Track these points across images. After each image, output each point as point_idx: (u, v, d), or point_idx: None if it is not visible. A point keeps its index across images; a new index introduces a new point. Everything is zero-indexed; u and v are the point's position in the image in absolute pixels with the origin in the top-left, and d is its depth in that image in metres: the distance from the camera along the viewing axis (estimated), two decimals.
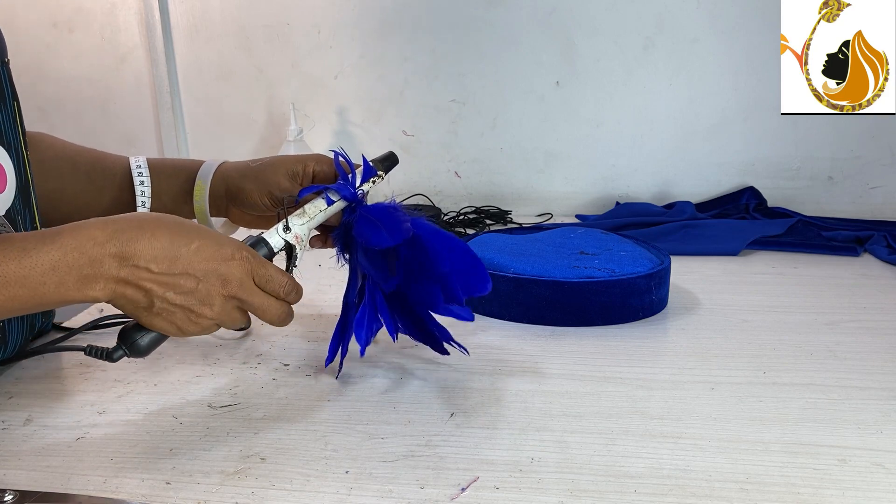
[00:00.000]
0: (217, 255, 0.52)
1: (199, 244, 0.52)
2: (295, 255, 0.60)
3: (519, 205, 1.36)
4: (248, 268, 0.54)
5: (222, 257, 0.52)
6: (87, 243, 0.49)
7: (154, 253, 0.50)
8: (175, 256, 0.51)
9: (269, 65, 1.35)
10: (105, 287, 0.50)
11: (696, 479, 0.48)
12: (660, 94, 1.31)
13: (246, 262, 0.53)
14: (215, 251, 0.52)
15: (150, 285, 0.50)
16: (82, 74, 1.40)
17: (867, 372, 0.65)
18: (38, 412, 0.59)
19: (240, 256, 0.53)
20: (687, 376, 0.64)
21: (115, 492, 0.47)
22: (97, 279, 0.49)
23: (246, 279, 0.53)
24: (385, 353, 0.70)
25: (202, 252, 0.52)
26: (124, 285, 0.50)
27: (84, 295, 0.49)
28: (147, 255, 0.50)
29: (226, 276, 0.52)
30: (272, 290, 0.55)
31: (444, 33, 1.32)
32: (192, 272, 0.51)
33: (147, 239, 0.50)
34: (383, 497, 0.47)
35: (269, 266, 0.55)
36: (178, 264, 0.51)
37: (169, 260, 0.50)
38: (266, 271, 0.55)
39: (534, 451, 0.52)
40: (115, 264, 0.49)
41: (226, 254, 0.53)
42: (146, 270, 0.50)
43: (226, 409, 0.59)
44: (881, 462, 0.50)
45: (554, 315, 0.76)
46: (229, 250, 0.53)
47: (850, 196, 1.30)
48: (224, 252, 0.53)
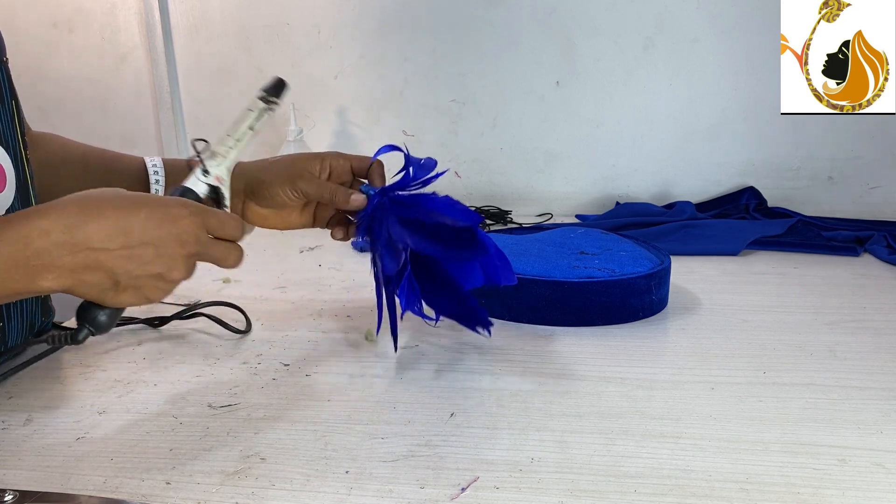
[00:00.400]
0: (167, 217, 0.51)
1: (147, 212, 0.51)
2: (222, 196, 0.61)
3: (519, 205, 1.36)
4: (200, 221, 0.53)
5: (173, 218, 0.51)
6: (32, 234, 0.47)
7: (106, 232, 0.49)
8: (128, 229, 0.49)
9: (269, 65, 1.35)
10: (59, 277, 0.48)
11: (696, 479, 0.48)
12: (660, 94, 1.31)
13: (196, 216, 0.53)
14: (164, 214, 0.51)
15: (110, 264, 0.49)
16: (82, 74, 1.40)
17: (867, 372, 0.65)
18: (38, 412, 0.59)
19: (188, 213, 0.52)
20: (687, 376, 0.64)
21: (115, 492, 0.47)
22: (48, 270, 0.48)
23: (201, 233, 0.53)
24: (385, 352, 0.70)
25: (152, 219, 0.50)
26: (83, 271, 0.49)
27: (36, 287, 0.48)
28: (100, 236, 0.49)
29: (181, 235, 0.52)
30: (227, 234, 0.55)
31: (444, 33, 1.32)
32: (149, 240, 0.50)
33: (95, 220, 0.49)
34: (383, 497, 0.47)
35: (217, 213, 0.55)
36: (132, 236, 0.50)
37: (123, 234, 0.49)
38: (217, 219, 0.54)
39: (534, 451, 0.52)
40: (66, 253, 0.48)
41: (175, 214, 0.52)
42: (103, 251, 0.49)
43: (226, 409, 0.59)
44: (881, 462, 0.50)
45: (554, 315, 0.76)
46: (177, 209, 0.52)
47: (850, 196, 1.30)
48: (173, 212, 0.52)
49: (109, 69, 1.39)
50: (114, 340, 0.74)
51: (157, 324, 0.77)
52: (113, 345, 0.73)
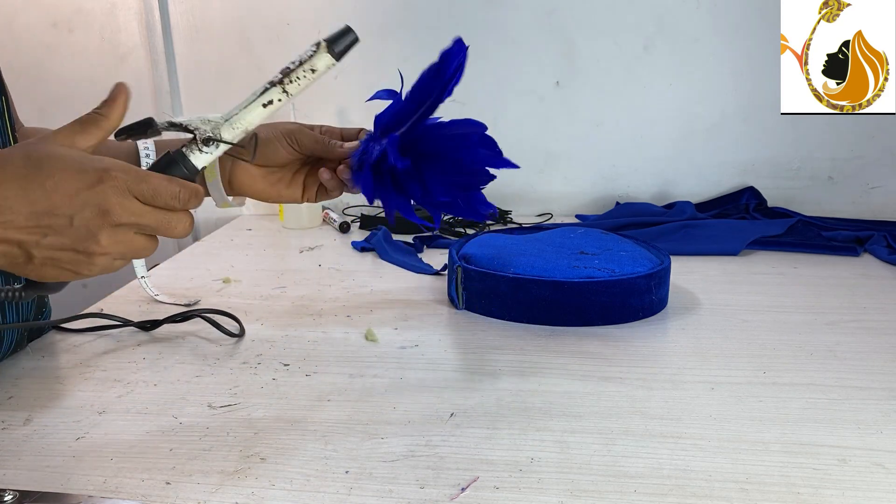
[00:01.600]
0: (82, 184, 0.45)
1: (58, 178, 0.44)
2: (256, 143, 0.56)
3: (519, 205, 1.36)
4: (124, 188, 0.46)
5: (88, 184, 0.45)
6: None
7: (8, 203, 0.43)
8: (33, 199, 0.44)
9: (269, 65, 1.35)
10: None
11: (696, 479, 0.48)
12: (660, 94, 1.31)
13: (118, 181, 0.46)
14: (78, 180, 0.45)
15: (17, 236, 0.44)
16: (82, 74, 1.40)
17: (867, 372, 0.65)
18: (38, 412, 0.59)
19: (109, 178, 0.45)
20: (687, 376, 0.64)
21: (115, 492, 0.47)
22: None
23: (127, 201, 0.46)
24: (385, 352, 0.70)
25: (63, 185, 0.44)
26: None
27: None
28: (2, 206, 0.43)
29: (101, 204, 0.45)
30: (164, 203, 0.48)
31: (443, 33, 1.31)
32: (60, 211, 0.44)
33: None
34: (383, 497, 0.47)
35: (150, 178, 0.47)
36: (39, 205, 0.44)
37: (27, 203, 0.44)
38: (148, 185, 0.47)
39: (534, 451, 0.52)
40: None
41: (91, 179, 0.45)
42: (6, 224, 0.44)
43: (226, 409, 0.59)
44: (881, 462, 0.50)
45: (554, 315, 0.76)
46: (94, 174, 0.45)
47: (850, 196, 1.30)
48: (89, 178, 0.45)
49: (109, 69, 1.39)
50: (114, 340, 0.74)
51: (149, 327, 0.76)
52: (113, 345, 0.73)
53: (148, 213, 0.47)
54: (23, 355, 0.70)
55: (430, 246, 1.13)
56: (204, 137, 0.52)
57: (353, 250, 1.10)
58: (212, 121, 0.52)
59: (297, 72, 0.55)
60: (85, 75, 1.40)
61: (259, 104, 0.54)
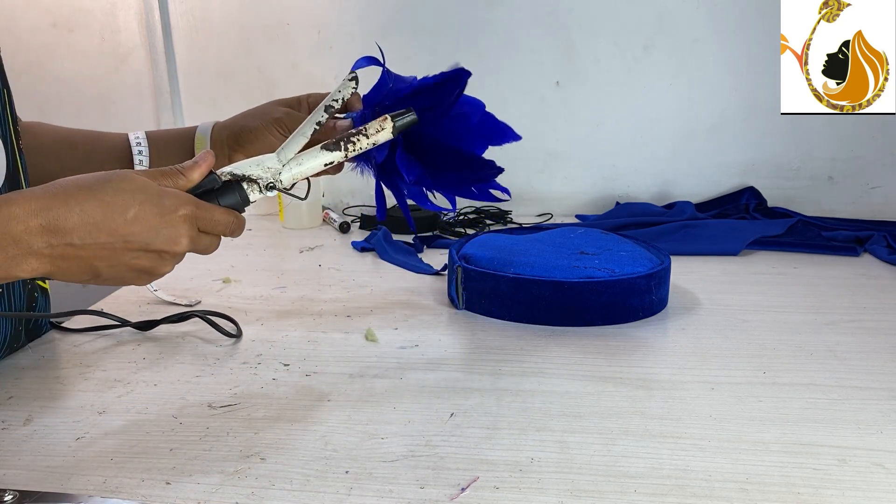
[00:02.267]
0: (159, 215, 0.50)
1: (138, 210, 0.49)
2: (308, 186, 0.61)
3: (519, 205, 1.36)
4: (193, 220, 0.52)
5: (164, 214, 0.50)
6: (10, 222, 0.45)
7: (87, 229, 0.47)
8: (112, 228, 0.48)
9: (269, 65, 1.35)
10: (39, 265, 0.47)
11: (696, 479, 0.48)
12: (660, 94, 1.31)
13: (190, 214, 0.51)
14: (156, 213, 0.49)
15: (90, 258, 0.48)
16: (82, 74, 1.40)
17: (867, 372, 0.65)
18: (38, 412, 0.59)
19: (184, 212, 0.51)
20: (687, 376, 0.64)
21: (115, 492, 0.47)
22: (26, 258, 0.46)
23: (192, 231, 0.52)
24: (385, 352, 0.70)
25: (141, 218, 0.49)
26: (62, 260, 0.47)
27: (14, 275, 0.47)
28: (81, 231, 0.47)
29: (172, 236, 0.50)
30: (218, 232, 0.54)
31: (444, 33, 1.32)
32: (136, 239, 0.49)
33: (77, 213, 0.47)
34: (383, 497, 0.47)
35: (213, 210, 0.54)
36: (117, 234, 0.48)
37: (107, 232, 0.48)
38: (212, 216, 0.53)
39: (534, 451, 0.52)
40: (44, 242, 0.46)
41: (167, 210, 0.50)
42: (84, 247, 0.47)
43: (226, 409, 0.59)
44: (881, 462, 0.50)
45: (554, 315, 0.76)
46: (170, 207, 0.50)
47: (850, 196, 1.30)
48: (165, 209, 0.50)
49: (109, 69, 1.39)
50: (114, 340, 0.74)
51: (146, 328, 0.76)
52: (113, 345, 0.73)
53: (204, 239, 0.54)
54: (23, 355, 0.70)
55: (430, 246, 1.13)
56: (266, 184, 0.57)
57: (353, 250, 1.10)
58: (270, 168, 0.57)
59: (362, 142, 0.59)
60: (85, 75, 1.40)
61: (321, 162, 0.58)
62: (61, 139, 0.74)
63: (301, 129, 0.58)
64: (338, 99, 0.59)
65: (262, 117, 0.69)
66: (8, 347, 0.69)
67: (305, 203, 1.25)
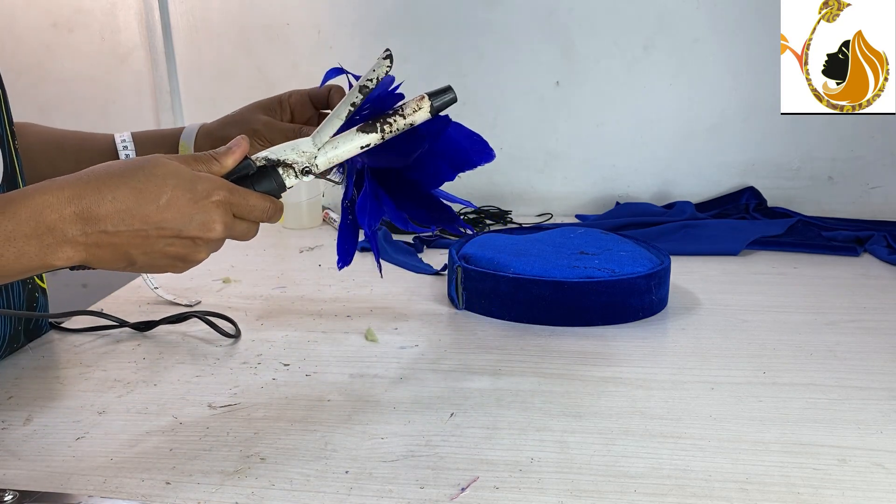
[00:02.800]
0: (192, 200, 0.49)
1: (170, 196, 0.48)
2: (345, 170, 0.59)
3: (519, 205, 1.36)
4: (227, 205, 0.51)
5: (197, 200, 0.49)
6: (44, 210, 0.45)
7: (120, 216, 0.47)
8: (145, 214, 0.47)
9: (269, 65, 1.35)
10: (74, 253, 0.47)
11: (696, 479, 0.48)
12: (660, 94, 1.31)
13: (224, 199, 0.50)
14: (189, 198, 0.49)
15: (124, 245, 0.48)
16: (82, 74, 1.40)
17: (867, 372, 0.65)
18: (38, 412, 0.59)
19: (217, 197, 0.50)
20: (687, 376, 0.64)
21: (115, 492, 0.47)
22: (61, 246, 0.46)
23: (227, 217, 0.51)
24: (385, 352, 0.70)
25: (175, 204, 0.48)
26: (97, 248, 0.47)
27: (50, 263, 0.47)
28: (114, 218, 0.47)
29: (205, 222, 0.49)
30: (255, 218, 0.53)
31: (444, 33, 1.32)
32: (168, 224, 0.48)
33: (109, 200, 0.47)
34: (383, 497, 0.47)
35: (248, 196, 0.52)
36: (150, 220, 0.48)
37: (140, 218, 0.47)
38: (247, 202, 0.52)
39: (534, 451, 0.52)
40: (79, 230, 0.46)
41: (200, 195, 0.49)
42: (117, 234, 0.47)
43: (226, 409, 0.59)
44: (881, 462, 0.50)
45: (554, 315, 0.76)
46: (203, 192, 0.49)
47: (850, 196, 1.30)
48: (198, 196, 0.49)
49: (109, 69, 1.39)
50: (114, 340, 0.74)
51: (144, 328, 0.76)
52: (113, 345, 0.73)
53: (239, 225, 0.52)
54: (23, 355, 0.70)
55: (430, 246, 1.13)
56: (302, 169, 0.55)
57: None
58: (306, 152, 0.55)
59: (398, 123, 0.57)
60: (85, 75, 1.40)
61: (357, 145, 0.56)
62: (50, 141, 0.74)
63: (336, 111, 0.56)
64: (372, 79, 0.56)
65: (241, 126, 0.68)
66: (7, 347, 0.69)
67: (305, 203, 1.25)
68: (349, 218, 0.63)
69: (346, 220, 0.63)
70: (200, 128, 0.73)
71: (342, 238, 0.64)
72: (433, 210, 0.65)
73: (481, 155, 0.64)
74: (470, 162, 0.63)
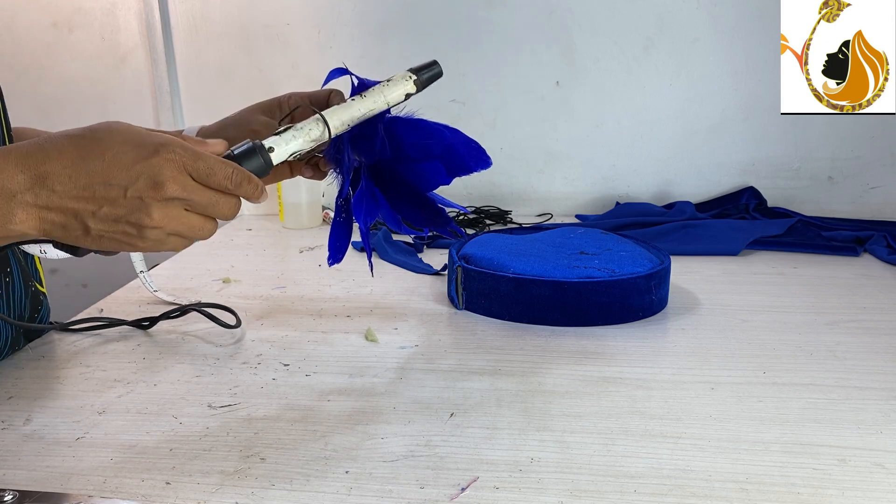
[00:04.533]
0: (138, 156, 0.46)
1: (116, 150, 0.46)
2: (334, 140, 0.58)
3: (519, 205, 1.36)
4: (180, 163, 0.47)
5: (144, 156, 0.46)
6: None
7: (67, 172, 0.45)
8: (91, 170, 0.45)
9: (269, 65, 1.35)
10: (28, 217, 0.45)
11: (696, 479, 0.48)
12: (660, 94, 1.31)
13: (175, 156, 0.47)
14: (135, 153, 0.46)
15: (73, 204, 0.46)
16: (82, 74, 1.40)
17: (867, 372, 0.65)
18: (38, 412, 0.59)
19: (166, 151, 0.47)
20: (687, 376, 0.64)
21: (115, 492, 0.47)
22: (15, 210, 0.45)
23: (181, 177, 0.47)
24: (385, 352, 0.70)
25: (120, 158, 0.46)
26: (47, 211, 0.46)
27: (10, 229, 0.45)
28: (60, 176, 0.45)
29: (154, 177, 0.46)
30: (217, 184, 0.49)
31: (444, 33, 1.32)
32: (114, 181, 0.46)
33: (55, 158, 0.45)
34: (383, 497, 0.47)
35: (206, 158, 0.48)
36: (96, 176, 0.45)
37: (85, 174, 0.45)
38: (205, 164, 0.48)
39: (534, 451, 0.52)
40: (30, 192, 0.45)
41: (148, 152, 0.46)
42: (63, 193, 0.45)
43: (226, 409, 0.59)
44: (881, 462, 0.50)
45: (554, 315, 0.76)
46: (152, 147, 0.46)
47: (850, 196, 1.30)
48: (146, 151, 0.46)
49: (109, 69, 1.39)
50: (114, 340, 0.74)
51: (147, 325, 0.77)
52: (113, 345, 0.73)
53: (199, 191, 0.48)
54: (23, 355, 0.70)
55: (430, 246, 1.13)
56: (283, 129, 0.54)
57: (353, 250, 1.10)
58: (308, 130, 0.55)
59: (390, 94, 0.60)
60: (85, 75, 1.40)
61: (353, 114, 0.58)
62: None
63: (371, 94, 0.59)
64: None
65: (240, 127, 0.67)
66: (10, 348, 0.69)
67: (305, 203, 1.25)
68: (342, 216, 0.63)
69: (339, 217, 0.64)
70: (199, 130, 0.72)
71: (334, 235, 0.64)
72: (427, 212, 0.65)
73: (478, 161, 0.64)
74: (466, 167, 0.64)
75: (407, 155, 0.62)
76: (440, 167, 0.63)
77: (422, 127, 0.63)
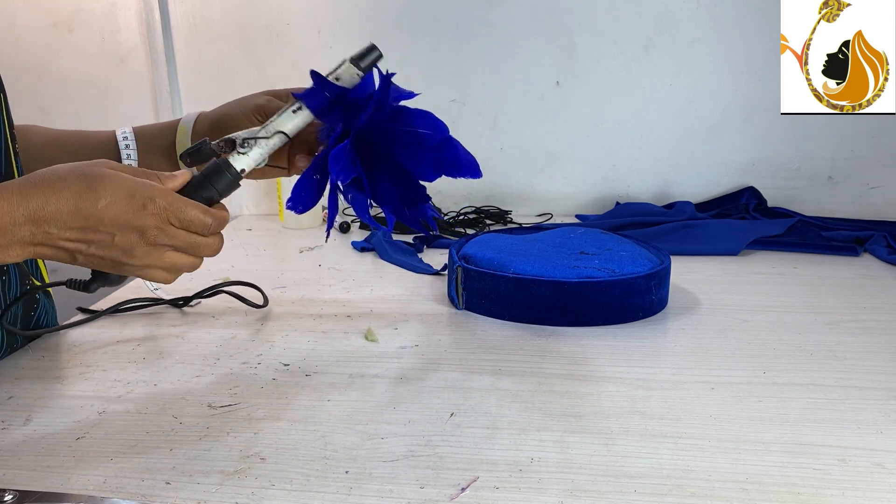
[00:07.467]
0: (128, 208, 0.52)
1: (108, 200, 0.51)
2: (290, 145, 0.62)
3: (519, 205, 1.36)
4: (164, 217, 0.53)
5: (133, 209, 0.52)
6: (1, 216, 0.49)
7: (63, 218, 0.50)
8: (86, 216, 0.51)
9: (269, 65, 1.35)
10: (22, 251, 0.51)
11: (696, 479, 0.48)
12: (660, 94, 1.31)
13: (161, 210, 0.53)
14: (125, 205, 0.52)
15: (65, 244, 0.52)
16: (82, 74, 1.40)
17: (867, 372, 0.65)
18: (38, 412, 0.59)
19: (153, 207, 0.52)
20: (687, 376, 0.64)
21: (115, 492, 0.47)
22: (11, 246, 0.50)
23: (164, 226, 0.53)
24: (385, 352, 0.70)
25: (111, 208, 0.51)
26: (42, 247, 0.51)
27: (2, 260, 0.51)
28: (58, 220, 0.50)
29: (141, 227, 0.52)
30: (196, 230, 0.55)
31: (444, 33, 1.32)
32: (104, 229, 0.52)
33: (54, 202, 0.50)
34: (383, 497, 0.47)
35: (187, 208, 0.54)
36: (89, 222, 0.51)
37: (79, 219, 0.51)
38: (185, 214, 0.54)
39: (534, 451, 0.52)
40: (28, 231, 0.50)
41: (136, 205, 0.52)
42: (58, 235, 0.51)
43: (226, 409, 0.59)
44: (881, 462, 0.50)
45: (554, 315, 0.76)
46: (140, 201, 0.52)
47: (850, 196, 1.30)
48: (135, 204, 0.52)
49: (109, 69, 1.39)
50: (114, 340, 0.74)
51: (182, 304, 0.83)
52: (113, 344, 0.73)
53: (182, 236, 0.55)
54: (23, 355, 0.70)
55: (431, 246, 1.13)
56: (241, 140, 0.59)
57: (353, 250, 1.10)
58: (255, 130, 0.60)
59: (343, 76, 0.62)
60: (85, 75, 1.40)
61: (290, 110, 0.61)
62: (51, 140, 0.74)
63: None
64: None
65: (242, 104, 0.69)
66: (8, 347, 0.69)
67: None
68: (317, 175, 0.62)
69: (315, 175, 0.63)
70: (199, 114, 0.73)
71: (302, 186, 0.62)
72: (405, 188, 0.66)
73: (469, 170, 0.65)
74: (456, 168, 0.65)
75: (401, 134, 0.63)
76: (430, 159, 0.64)
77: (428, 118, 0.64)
